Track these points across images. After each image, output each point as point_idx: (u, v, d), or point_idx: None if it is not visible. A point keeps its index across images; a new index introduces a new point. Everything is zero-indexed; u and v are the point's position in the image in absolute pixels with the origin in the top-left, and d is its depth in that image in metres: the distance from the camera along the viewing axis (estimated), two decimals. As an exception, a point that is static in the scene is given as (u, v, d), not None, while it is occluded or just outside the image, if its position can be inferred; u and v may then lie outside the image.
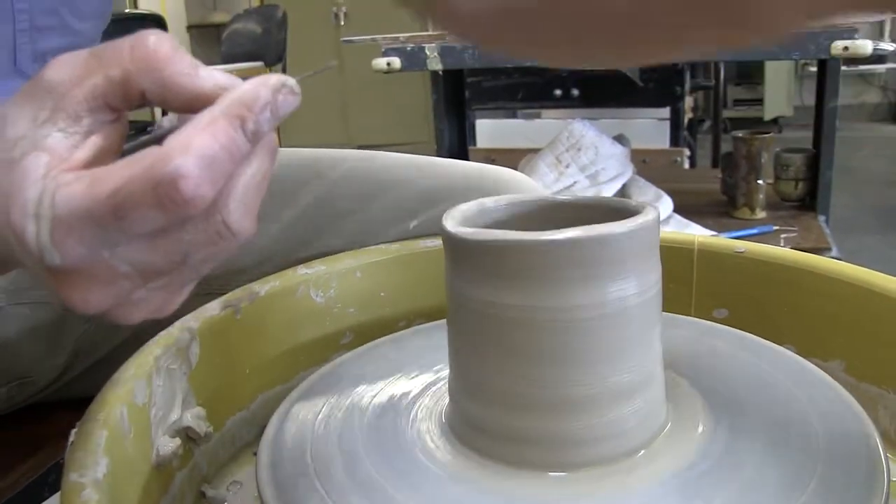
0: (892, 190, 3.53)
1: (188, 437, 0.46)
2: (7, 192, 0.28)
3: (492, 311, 0.38)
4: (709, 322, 0.53)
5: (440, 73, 1.67)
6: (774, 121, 4.88)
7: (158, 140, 0.28)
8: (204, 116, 0.27)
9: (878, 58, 4.79)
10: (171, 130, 0.28)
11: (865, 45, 1.23)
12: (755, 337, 0.50)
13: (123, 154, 0.30)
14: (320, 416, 0.45)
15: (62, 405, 0.70)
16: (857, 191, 3.38)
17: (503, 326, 0.38)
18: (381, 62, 1.49)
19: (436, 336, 0.54)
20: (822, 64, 1.55)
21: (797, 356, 0.48)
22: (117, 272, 0.29)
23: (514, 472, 0.39)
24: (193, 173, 0.26)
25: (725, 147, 1.83)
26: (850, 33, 1.23)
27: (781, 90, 4.94)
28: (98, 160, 0.29)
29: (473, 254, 0.39)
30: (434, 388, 0.47)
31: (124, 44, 0.29)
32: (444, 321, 0.56)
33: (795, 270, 0.53)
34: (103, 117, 0.30)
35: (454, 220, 0.41)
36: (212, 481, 0.49)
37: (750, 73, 5.14)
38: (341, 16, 4.15)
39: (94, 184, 0.27)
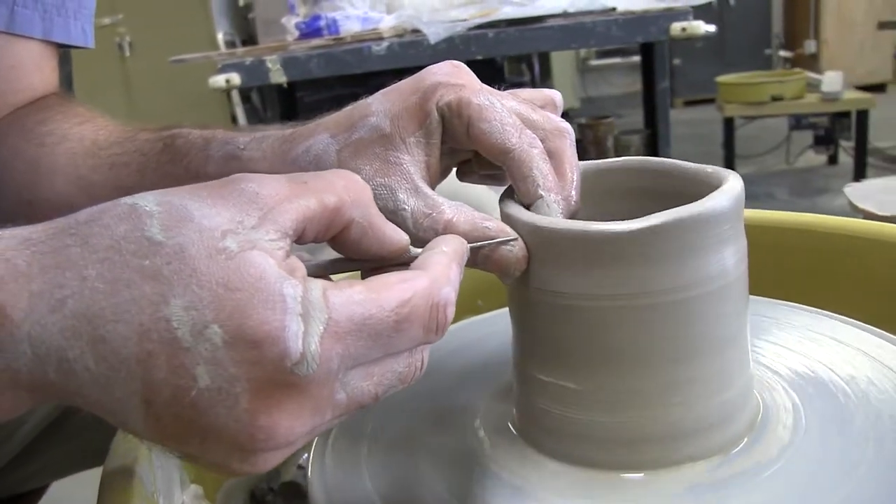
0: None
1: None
2: (225, 283, 0.24)
3: (581, 302, 0.35)
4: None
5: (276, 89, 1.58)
6: (565, 113, 5.20)
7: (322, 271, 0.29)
8: (441, 258, 0.29)
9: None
10: (336, 261, 0.30)
11: (699, 26, 1.32)
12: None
13: None
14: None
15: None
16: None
17: (595, 317, 0.35)
18: (219, 79, 1.37)
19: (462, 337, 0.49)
20: (648, 50, 1.65)
21: None
22: (333, 399, 0.25)
23: (590, 474, 0.36)
24: (453, 303, 0.27)
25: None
26: (685, 15, 1.32)
27: (567, 84, 5.28)
28: None
29: (564, 246, 0.34)
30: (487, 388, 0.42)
31: (330, 175, 0.29)
32: (465, 322, 0.50)
33: (856, 239, 0.51)
34: (294, 242, 0.27)
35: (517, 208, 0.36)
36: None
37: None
38: (125, 46, 3.85)
39: (376, 290, 0.25)
